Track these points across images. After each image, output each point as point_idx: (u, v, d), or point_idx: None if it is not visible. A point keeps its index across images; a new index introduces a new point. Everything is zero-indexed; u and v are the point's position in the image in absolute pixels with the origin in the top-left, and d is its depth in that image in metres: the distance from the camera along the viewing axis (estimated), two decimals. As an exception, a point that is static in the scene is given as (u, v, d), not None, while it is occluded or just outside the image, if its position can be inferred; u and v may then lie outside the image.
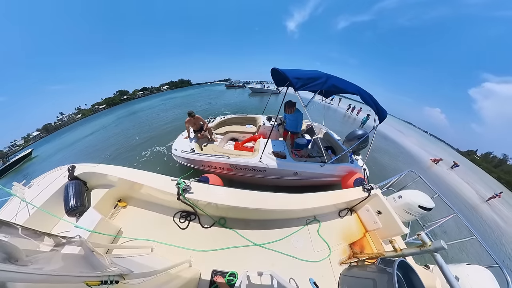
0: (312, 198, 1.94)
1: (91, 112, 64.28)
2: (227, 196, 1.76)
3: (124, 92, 77.87)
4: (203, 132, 4.13)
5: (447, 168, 12.59)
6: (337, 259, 1.78)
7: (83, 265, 0.69)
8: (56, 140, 17.96)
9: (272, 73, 3.46)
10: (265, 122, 4.88)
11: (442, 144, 37.28)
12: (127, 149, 6.96)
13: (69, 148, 11.00)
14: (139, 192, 1.98)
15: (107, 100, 71.81)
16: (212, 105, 14.88)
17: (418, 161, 11.22)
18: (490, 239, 5.49)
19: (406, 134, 20.11)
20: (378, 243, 1.91)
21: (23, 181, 1.74)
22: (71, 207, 1.63)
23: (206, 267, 1.54)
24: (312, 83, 2.59)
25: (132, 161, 5.63)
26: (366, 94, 2.95)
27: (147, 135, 8.08)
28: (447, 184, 9.27)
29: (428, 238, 1.07)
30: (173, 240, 1.69)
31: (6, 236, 0.59)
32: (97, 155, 7.36)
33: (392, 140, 13.54)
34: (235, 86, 32.00)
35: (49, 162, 10.22)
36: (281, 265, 1.66)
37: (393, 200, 2.22)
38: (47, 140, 25.94)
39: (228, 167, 3.44)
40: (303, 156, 3.88)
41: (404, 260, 1.19)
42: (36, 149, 15.11)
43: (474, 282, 1.46)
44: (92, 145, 9.29)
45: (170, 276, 1.13)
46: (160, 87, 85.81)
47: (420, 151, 14.25)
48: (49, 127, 61.98)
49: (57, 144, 14.63)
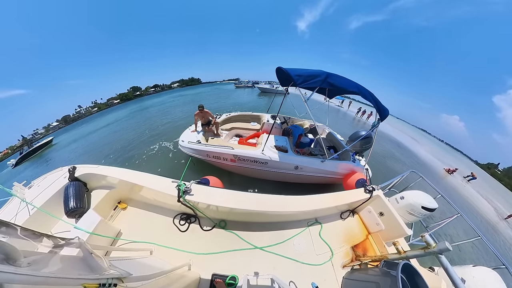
0: (314, 200, 1.92)
1: (106, 106, 68.70)
2: (227, 198, 1.75)
3: (137, 89, 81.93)
4: (211, 126, 4.37)
5: (462, 180, 11.42)
6: (340, 262, 1.75)
7: (81, 267, 0.68)
8: (74, 130, 19.34)
9: (277, 72, 3.55)
10: (269, 119, 5.04)
11: (459, 155, 34.16)
12: (137, 142, 7.37)
13: (84, 138, 11.96)
14: (139, 194, 1.97)
15: (121, 96, 75.63)
16: (221, 104, 15.34)
17: (431, 170, 10.52)
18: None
19: (420, 142, 18.86)
20: (381, 245, 1.88)
21: (23, 182, 1.74)
22: (71, 208, 1.62)
23: (206, 270, 1.51)
24: (312, 80, 2.72)
25: (140, 154, 5.91)
26: (366, 92, 2.98)
27: (156, 131, 8.41)
28: (461, 196, 8.48)
29: (432, 239, 1.05)
30: (172, 242, 1.67)
31: (4, 237, 0.59)
32: (108, 147, 7.71)
33: (405, 147, 12.97)
34: (244, 86, 32.63)
35: (67, 149, 11.08)
36: (282, 268, 1.64)
37: (395, 201, 2.20)
38: (65, 130, 28.86)
39: (232, 158, 3.54)
40: (305, 153, 3.92)
41: (408, 263, 1.17)
42: (55, 138, 16.66)
43: (481, 284, 1.43)
44: (105, 137, 9.85)
45: (170, 279, 1.11)
46: (171, 85, 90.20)
47: (433, 160, 13.30)
48: (68, 118, 66.85)
49: (75, 134, 15.79)
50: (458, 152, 46.14)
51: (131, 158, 5.83)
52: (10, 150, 44.82)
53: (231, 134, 5.16)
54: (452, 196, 7.62)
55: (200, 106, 4.23)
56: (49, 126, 63.40)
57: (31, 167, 10.78)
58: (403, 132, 19.85)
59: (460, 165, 14.44)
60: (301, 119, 5.73)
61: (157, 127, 9.07)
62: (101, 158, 6.68)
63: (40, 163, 10.57)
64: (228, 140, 4.82)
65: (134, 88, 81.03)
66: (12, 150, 41.97)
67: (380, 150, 9.35)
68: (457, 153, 37.85)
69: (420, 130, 46.44)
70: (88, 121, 26.60)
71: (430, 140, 28.35)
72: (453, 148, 49.14)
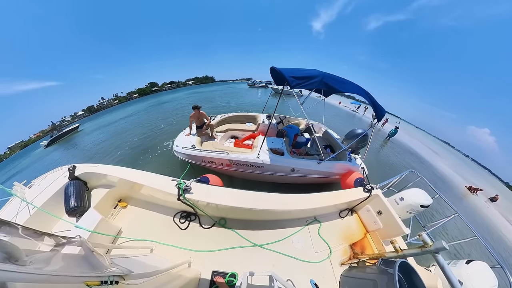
0: (313, 199, 1.93)
1: (125, 99, 73.99)
2: (227, 197, 1.76)
3: (154, 84, 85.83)
4: (204, 128, 4.24)
5: (486, 201, 10.07)
6: (338, 260, 1.77)
7: (83, 265, 0.69)
8: (97, 119, 21.07)
9: (271, 72, 3.49)
10: (264, 120, 4.94)
11: (486, 174, 28.24)
12: (152, 137, 7.51)
13: (106, 127, 12.86)
14: (139, 193, 1.98)
15: (139, 90, 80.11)
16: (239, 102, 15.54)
17: (450, 185, 9.32)
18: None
19: (440, 155, 16.68)
20: (379, 244, 1.90)
21: (23, 181, 1.74)
22: (71, 207, 1.63)
23: (206, 267, 1.53)
24: (308, 82, 2.65)
25: (154, 150, 6.00)
26: (363, 92, 2.96)
27: (171, 127, 8.51)
28: (483, 218, 7.43)
29: (429, 238, 1.06)
30: (173, 240, 1.69)
31: (6, 236, 0.59)
32: (126, 138, 8.10)
33: (421, 157, 11.83)
34: (258, 86, 32.60)
35: (91, 136, 11.86)
36: (282, 265, 1.66)
37: (394, 202, 2.20)
38: (89, 118, 32.08)
39: (227, 163, 3.49)
40: (301, 154, 3.90)
41: (405, 261, 1.18)
42: (81, 125, 18.45)
43: (475, 281, 1.47)
44: (124, 129, 10.44)
45: (170, 276, 1.13)
46: (186, 82, 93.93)
47: (454, 175, 11.75)
48: (92, 108, 72.60)
49: (97, 123, 17.24)
50: (485, 170, 38.46)
51: (144, 152, 5.96)
52: (41, 134, 50.96)
53: (226, 136, 5.02)
54: (472, 216, 6.91)
55: (196, 106, 4.01)
56: (75, 115, 69.64)
57: (60, 149, 11.92)
58: (422, 143, 17.79)
59: (486, 185, 12.76)
60: (297, 118, 5.69)
61: (171, 123, 9.27)
62: (116, 149, 6.98)
63: (67, 147, 11.53)
64: (223, 142, 4.72)
65: (152, 84, 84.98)
66: (43, 134, 47.68)
67: (398, 161, 8.74)
68: (484, 171, 31.60)
69: (441, 142, 38.92)
70: (110, 112, 28.72)
71: (453, 154, 25.06)
72: (480, 165, 41.32)
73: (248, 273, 1.18)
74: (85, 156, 7.95)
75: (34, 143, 28.31)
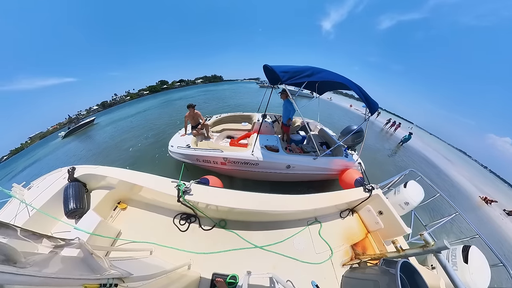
0: (313, 199, 1.93)
1: (137, 96, 78.56)
2: (227, 198, 1.75)
3: (164, 82, 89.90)
4: (199, 128, 4.25)
5: (500, 212, 9.48)
6: (339, 261, 1.76)
7: (82, 267, 0.68)
8: (110, 114, 22.45)
9: (265, 70, 3.49)
10: (259, 119, 4.95)
11: (506, 187, 24.69)
12: (164, 133, 7.67)
13: (118, 122, 13.45)
14: (139, 194, 1.97)
15: (150, 88, 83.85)
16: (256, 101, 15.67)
17: (463, 195, 8.95)
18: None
19: (454, 163, 15.62)
20: (380, 244, 1.89)
21: (22, 183, 1.73)
22: (70, 209, 1.62)
23: (206, 269, 1.52)
24: (299, 76, 2.64)
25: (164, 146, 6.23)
26: (354, 86, 2.97)
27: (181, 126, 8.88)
28: (497, 230, 6.97)
29: (431, 238, 1.06)
30: (173, 242, 1.68)
31: (4, 238, 0.59)
32: (139, 133, 8.46)
33: (433, 164, 11.33)
34: (268, 86, 32.63)
35: (104, 130, 12.56)
36: (283, 267, 1.64)
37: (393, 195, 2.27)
38: (103, 113, 33.97)
39: (222, 161, 3.48)
40: (297, 150, 3.89)
41: (407, 261, 1.18)
42: (96, 119, 19.83)
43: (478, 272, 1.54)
44: (136, 124, 10.82)
45: (170, 279, 1.11)
46: (195, 80, 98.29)
47: (468, 185, 11.05)
48: (105, 104, 78.36)
49: (110, 117, 18.45)
50: (505, 183, 33.32)
51: (152, 150, 6.01)
52: (58, 126, 56.15)
53: (222, 136, 5.02)
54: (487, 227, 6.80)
55: (190, 105, 4.00)
56: (90, 109, 76.10)
57: (76, 140, 12.60)
58: (435, 150, 16.78)
59: (504, 199, 11.95)
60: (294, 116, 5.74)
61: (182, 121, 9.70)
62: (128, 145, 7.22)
63: (83, 139, 12.03)
64: (219, 142, 4.72)
65: (162, 82, 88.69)
66: (60, 126, 52.53)
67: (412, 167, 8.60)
68: (504, 184, 27.77)
69: (456, 150, 36.65)
70: (122, 107, 30.67)
71: (469, 164, 23.41)
72: (499, 178, 36.59)
73: (249, 275, 1.17)
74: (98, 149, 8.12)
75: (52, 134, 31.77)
